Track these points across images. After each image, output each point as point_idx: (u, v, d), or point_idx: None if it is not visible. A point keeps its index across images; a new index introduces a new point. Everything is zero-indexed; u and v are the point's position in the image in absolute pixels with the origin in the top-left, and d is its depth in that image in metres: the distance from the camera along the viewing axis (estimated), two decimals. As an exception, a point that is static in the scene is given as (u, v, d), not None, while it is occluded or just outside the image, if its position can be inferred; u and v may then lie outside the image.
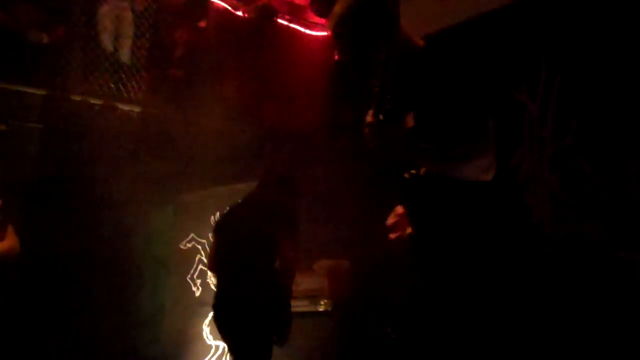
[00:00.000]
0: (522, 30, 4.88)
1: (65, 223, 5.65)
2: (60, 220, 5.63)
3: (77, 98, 6.08)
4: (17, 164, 5.30)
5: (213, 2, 6.81)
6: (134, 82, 6.43)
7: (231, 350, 4.47)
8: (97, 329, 5.93)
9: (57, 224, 5.60)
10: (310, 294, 5.41)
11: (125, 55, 6.46)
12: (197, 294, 6.55)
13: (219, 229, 4.64)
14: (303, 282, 5.29)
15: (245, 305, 4.22)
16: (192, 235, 6.62)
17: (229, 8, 6.80)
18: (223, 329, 4.43)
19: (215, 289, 4.52)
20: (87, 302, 5.92)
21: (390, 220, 2.68)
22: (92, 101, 6.13)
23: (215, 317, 4.46)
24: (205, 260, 6.48)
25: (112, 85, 6.35)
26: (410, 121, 2.48)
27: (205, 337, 6.30)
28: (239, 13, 6.81)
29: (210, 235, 5.92)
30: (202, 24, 6.87)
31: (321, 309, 5.50)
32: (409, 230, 2.60)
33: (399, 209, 2.67)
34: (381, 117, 2.45)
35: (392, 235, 2.66)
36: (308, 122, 6.02)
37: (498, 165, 2.45)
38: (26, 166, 5.36)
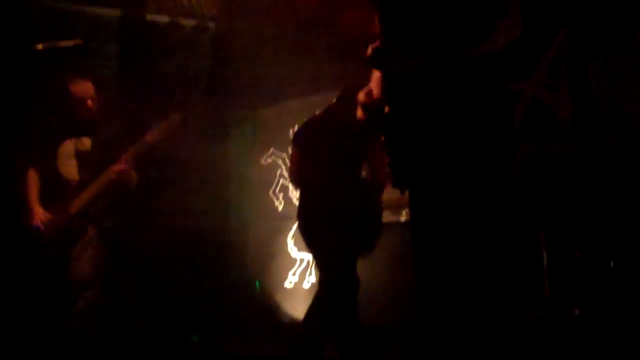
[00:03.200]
0: None
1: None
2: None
3: (152, 16, 6.09)
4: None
5: None
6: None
7: (317, 260, 4.48)
8: (183, 248, 6.08)
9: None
10: (391, 204, 5.32)
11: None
12: (280, 208, 6.60)
13: (298, 140, 4.54)
14: (384, 192, 5.22)
15: (332, 216, 4.20)
16: (272, 149, 6.63)
17: None
18: (308, 240, 4.43)
19: (298, 201, 4.51)
20: (173, 222, 6.07)
21: (362, 97, 2.52)
22: (165, 19, 6.13)
23: (301, 228, 4.47)
24: (286, 175, 6.49)
25: (186, 2, 6.30)
26: None
27: (289, 250, 6.37)
28: None
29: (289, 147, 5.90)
30: None
31: (403, 219, 5.44)
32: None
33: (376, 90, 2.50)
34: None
35: (359, 113, 2.51)
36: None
37: None
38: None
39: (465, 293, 2.32)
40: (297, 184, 4.80)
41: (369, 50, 2.33)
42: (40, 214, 4.49)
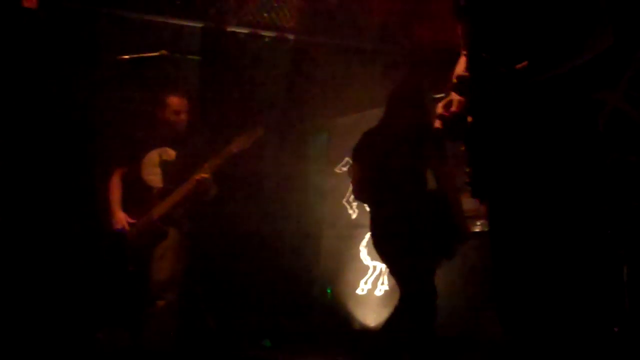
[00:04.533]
0: None
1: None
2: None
3: (233, 28, 6.23)
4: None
5: None
6: (285, 10, 6.47)
7: (395, 275, 4.46)
8: (258, 254, 6.19)
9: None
10: (467, 214, 5.30)
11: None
12: (353, 216, 6.65)
13: (358, 157, 4.50)
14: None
15: (403, 230, 4.18)
16: (346, 159, 6.68)
17: None
18: (383, 254, 4.43)
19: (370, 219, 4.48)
20: (249, 228, 6.18)
21: (441, 109, 2.50)
22: (245, 31, 6.27)
23: (374, 244, 4.46)
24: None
25: (265, 15, 6.42)
26: None
27: (362, 258, 6.41)
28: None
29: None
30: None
31: (477, 229, 5.40)
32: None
33: (456, 102, 2.49)
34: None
35: (437, 124, 2.48)
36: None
37: None
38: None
39: (544, 306, 2.31)
40: (363, 201, 4.77)
41: (454, 80, 2.34)
42: (122, 218, 4.68)
